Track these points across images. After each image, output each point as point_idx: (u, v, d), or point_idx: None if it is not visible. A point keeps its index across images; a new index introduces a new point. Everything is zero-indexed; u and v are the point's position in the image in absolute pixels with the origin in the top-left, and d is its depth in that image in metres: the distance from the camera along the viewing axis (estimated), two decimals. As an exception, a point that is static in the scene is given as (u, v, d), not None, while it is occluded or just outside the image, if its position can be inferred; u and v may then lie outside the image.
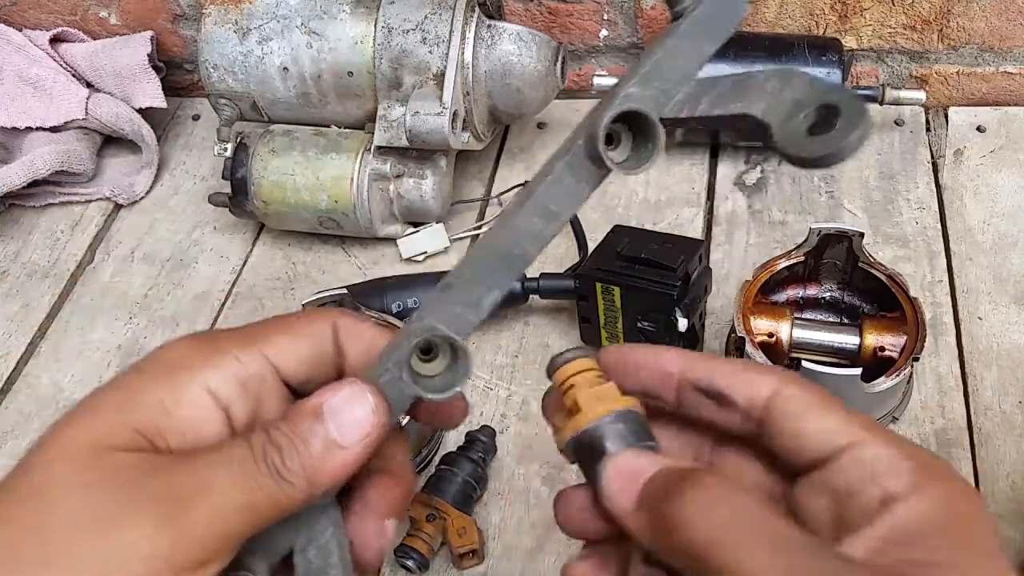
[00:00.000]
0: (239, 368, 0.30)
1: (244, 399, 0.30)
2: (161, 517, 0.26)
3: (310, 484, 0.28)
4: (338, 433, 0.29)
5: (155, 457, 0.28)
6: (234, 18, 0.73)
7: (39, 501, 0.26)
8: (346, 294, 0.62)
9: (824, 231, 0.61)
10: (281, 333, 0.31)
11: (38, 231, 0.84)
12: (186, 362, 0.30)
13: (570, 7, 0.84)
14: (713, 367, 0.31)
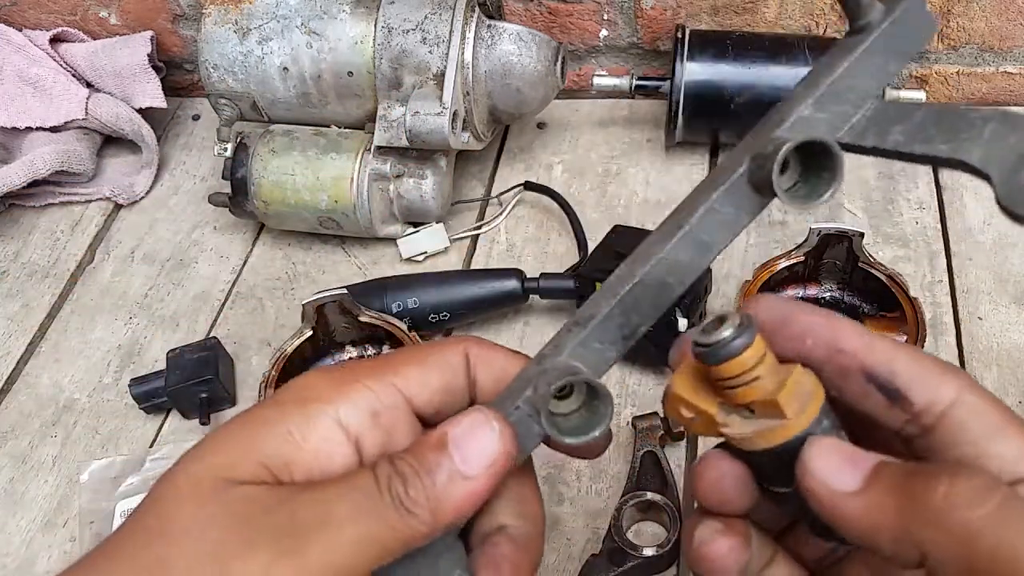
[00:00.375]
0: (371, 399, 0.30)
1: (375, 431, 0.30)
2: (279, 551, 0.26)
3: (434, 516, 0.28)
4: (463, 462, 0.28)
5: (277, 489, 0.27)
6: (234, 18, 0.73)
7: (161, 536, 0.27)
8: (346, 294, 0.62)
9: (824, 231, 0.61)
10: (412, 364, 0.31)
11: (38, 231, 0.84)
12: (318, 394, 0.30)
13: (570, 7, 0.84)
14: (894, 356, 0.28)
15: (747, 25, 0.83)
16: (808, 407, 0.27)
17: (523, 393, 0.29)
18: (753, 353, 0.27)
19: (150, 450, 0.64)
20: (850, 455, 0.27)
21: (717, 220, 0.28)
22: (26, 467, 0.66)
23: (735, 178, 0.28)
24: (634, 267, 0.29)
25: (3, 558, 0.61)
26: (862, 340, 0.28)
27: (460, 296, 0.67)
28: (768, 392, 0.27)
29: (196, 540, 0.26)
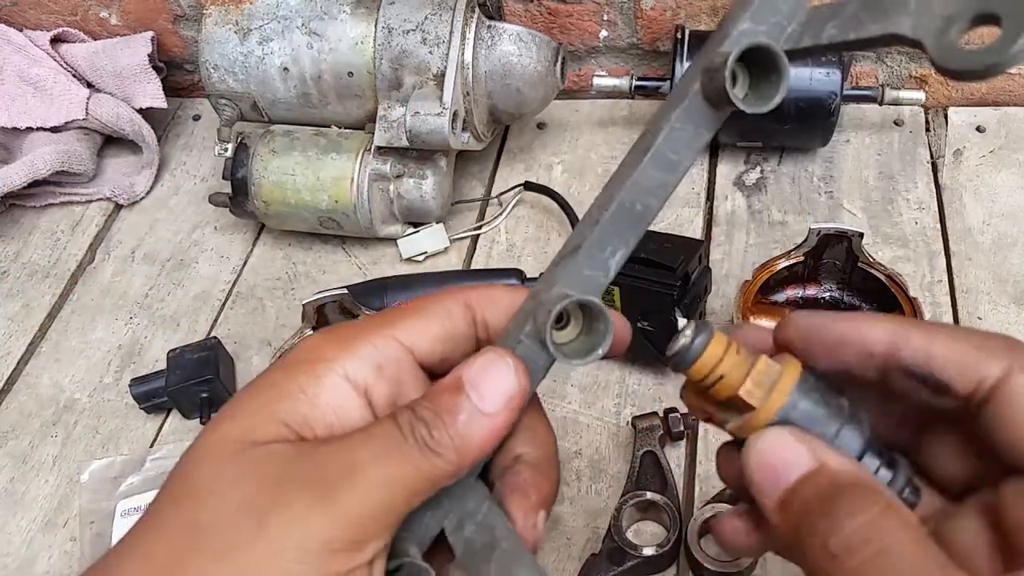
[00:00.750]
0: (373, 352, 0.30)
1: (382, 382, 0.30)
2: (311, 500, 0.26)
3: (459, 455, 0.28)
4: (481, 400, 0.29)
5: (301, 444, 0.28)
6: (235, 19, 0.73)
7: (192, 501, 0.27)
8: (346, 294, 0.62)
9: (824, 231, 0.61)
10: (411, 316, 0.32)
11: (38, 231, 0.84)
12: (322, 352, 0.30)
13: (570, 7, 0.85)
14: (929, 343, 0.28)
15: (747, 25, 0.83)
16: (773, 394, 0.28)
17: (524, 327, 0.30)
18: (712, 354, 0.28)
19: (150, 450, 0.64)
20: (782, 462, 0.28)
21: (680, 138, 0.30)
22: (26, 467, 0.66)
23: (691, 96, 0.29)
24: (611, 192, 0.30)
25: (3, 558, 0.61)
26: (891, 334, 0.28)
27: (460, 296, 0.67)
28: (732, 387, 0.28)
29: (225, 499, 0.26)
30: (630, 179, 0.30)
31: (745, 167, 0.80)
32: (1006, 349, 0.27)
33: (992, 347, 0.27)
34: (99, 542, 0.59)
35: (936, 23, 0.25)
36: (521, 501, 0.31)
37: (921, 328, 0.28)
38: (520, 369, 0.30)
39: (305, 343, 0.31)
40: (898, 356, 0.28)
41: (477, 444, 0.29)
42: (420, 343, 0.31)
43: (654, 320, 0.61)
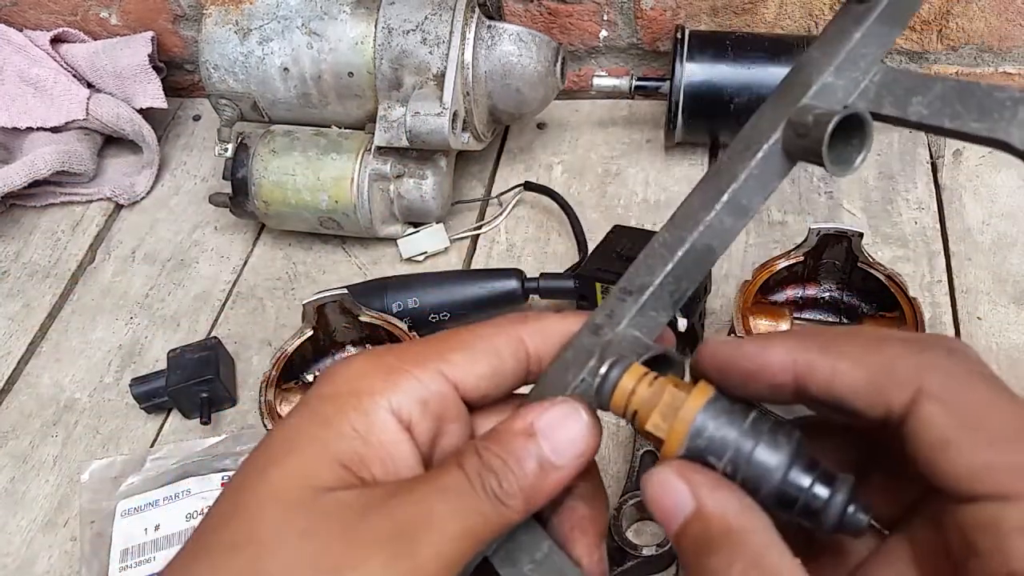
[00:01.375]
0: (419, 387, 0.30)
1: (426, 419, 0.30)
2: (388, 557, 0.26)
3: (526, 505, 0.28)
4: (553, 452, 0.28)
5: (368, 493, 0.27)
6: (235, 19, 0.73)
7: (257, 550, 0.26)
8: (346, 294, 0.62)
9: (823, 231, 0.61)
10: (459, 350, 0.31)
11: (39, 231, 0.85)
12: (369, 385, 0.29)
13: (570, 8, 0.85)
14: (832, 370, 0.27)
15: (746, 26, 0.83)
16: (675, 423, 0.28)
17: (586, 365, 0.30)
18: (622, 389, 0.29)
19: (151, 450, 0.65)
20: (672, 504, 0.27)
21: (755, 186, 0.30)
22: (27, 467, 0.66)
23: (771, 144, 0.30)
24: (682, 233, 0.30)
25: (3, 558, 0.61)
26: (797, 364, 0.27)
27: (460, 296, 0.67)
28: (643, 421, 0.29)
29: (296, 552, 0.25)
30: (704, 223, 0.30)
31: (745, 167, 0.80)
32: (914, 369, 0.26)
33: (898, 369, 0.26)
34: (99, 542, 0.59)
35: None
36: (583, 539, 0.31)
37: (826, 352, 0.27)
38: (595, 426, 0.29)
39: (350, 370, 0.30)
40: (803, 385, 0.27)
41: (545, 495, 0.28)
42: (466, 380, 0.31)
43: (654, 320, 0.61)
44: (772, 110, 0.31)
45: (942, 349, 0.26)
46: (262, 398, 0.60)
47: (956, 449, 0.24)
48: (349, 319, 0.64)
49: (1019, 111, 0.27)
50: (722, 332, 0.68)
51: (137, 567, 0.56)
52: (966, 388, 0.25)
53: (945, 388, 0.25)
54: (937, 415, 0.25)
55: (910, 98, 0.29)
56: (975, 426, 0.24)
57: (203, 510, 0.58)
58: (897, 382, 0.26)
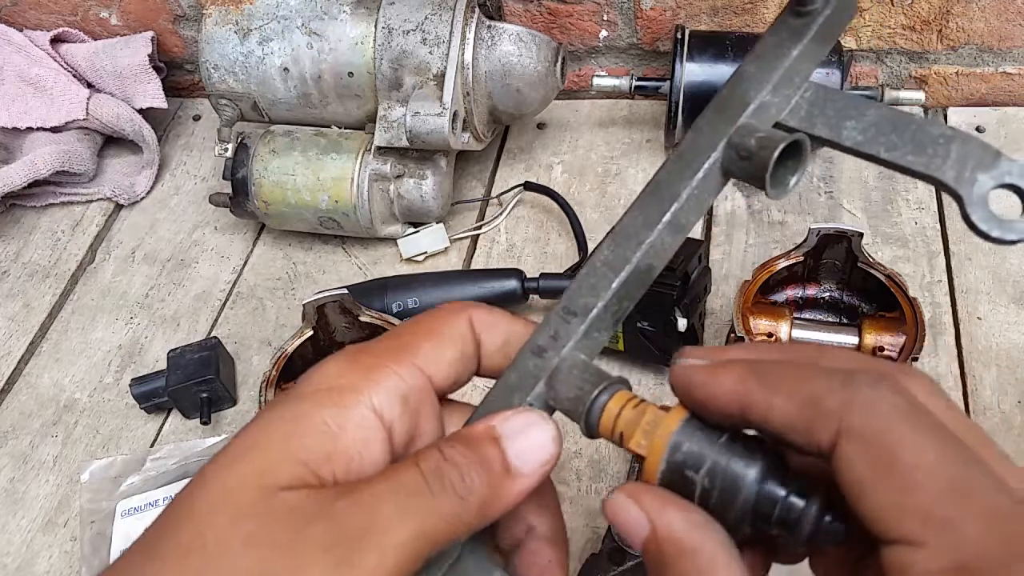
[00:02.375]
0: (399, 383, 0.29)
1: (405, 415, 0.29)
2: (330, 566, 0.24)
3: (483, 508, 0.27)
4: (517, 459, 0.28)
5: (319, 495, 0.26)
6: (235, 19, 0.73)
7: (200, 553, 0.25)
8: (347, 294, 0.62)
9: (823, 231, 0.61)
10: (427, 340, 0.30)
11: (39, 231, 0.85)
12: (350, 382, 0.29)
13: (570, 8, 0.85)
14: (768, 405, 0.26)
15: (746, 26, 0.83)
16: (653, 440, 0.28)
17: (533, 389, 0.30)
18: (609, 413, 0.29)
19: (151, 450, 0.65)
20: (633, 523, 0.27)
21: (693, 203, 0.31)
22: (27, 467, 0.66)
23: (711, 163, 0.30)
24: (625, 252, 0.30)
25: (3, 558, 0.61)
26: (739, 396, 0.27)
27: (460, 296, 0.67)
28: (626, 442, 0.29)
29: (239, 558, 0.25)
30: (646, 243, 0.30)
31: (745, 167, 0.80)
32: (837, 405, 0.25)
33: (824, 405, 0.25)
34: (99, 542, 0.59)
35: (981, 184, 0.27)
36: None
37: (763, 384, 0.27)
38: (559, 436, 0.29)
39: (327, 369, 0.29)
40: (747, 416, 0.27)
41: (503, 502, 0.28)
42: (438, 370, 0.30)
43: (654, 320, 0.61)
44: (710, 127, 0.31)
45: (868, 381, 0.25)
46: (262, 398, 0.60)
47: (870, 491, 0.24)
48: (349, 319, 0.64)
49: (952, 149, 0.28)
50: (722, 332, 0.68)
51: (137, 567, 0.56)
52: (885, 425, 0.24)
53: (864, 426, 0.24)
54: (854, 455, 0.24)
55: (843, 122, 0.30)
56: (888, 468, 0.24)
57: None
58: (822, 419, 0.25)
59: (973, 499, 0.23)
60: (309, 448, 0.27)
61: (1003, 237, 0.27)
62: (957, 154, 0.28)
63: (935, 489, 0.23)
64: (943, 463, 0.24)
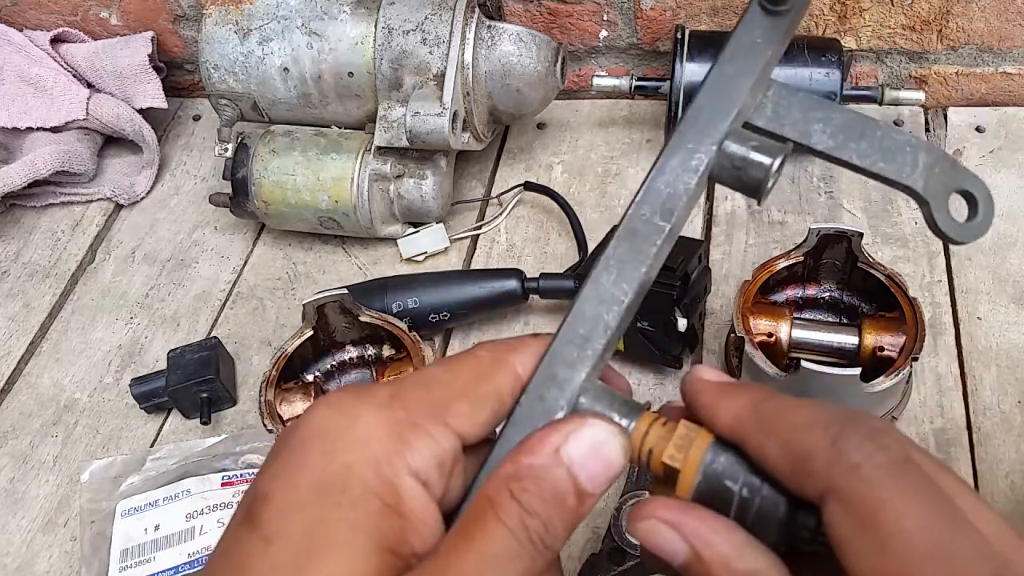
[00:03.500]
0: (434, 446, 0.27)
1: (441, 478, 0.28)
2: None
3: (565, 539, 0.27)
4: (590, 483, 0.27)
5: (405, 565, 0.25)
6: (235, 19, 0.73)
7: None
8: (347, 294, 0.62)
9: (823, 231, 0.61)
10: (464, 400, 0.28)
11: (39, 231, 0.85)
12: (385, 450, 0.27)
13: (570, 8, 0.85)
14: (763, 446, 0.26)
15: (747, 26, 0.83)
16: (691, 451, 0.28)
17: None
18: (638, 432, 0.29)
19: (151, 450, 0.64)
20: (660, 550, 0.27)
21: (685, 212, 0.31)
22: (27, 467, 0.66)
23: (703, 172, 0.30)
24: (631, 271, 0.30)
25: (3, 558, 0.61)
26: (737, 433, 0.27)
27: (460, 296, 0.67)
28: (659, 456, 0.28)
29: None
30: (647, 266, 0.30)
31: (745, 167, 0.80)
32: (825, 464, 0.25)
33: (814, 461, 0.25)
34: (99, 542, 0.59)
35: (943, 192, 0.30)
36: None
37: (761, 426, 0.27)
38: (628, 446, 0.28)
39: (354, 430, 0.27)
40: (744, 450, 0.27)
41: (578, 525, 0.27)
42: (471, 431, 0.28)
43: (654, 320, 0.61)
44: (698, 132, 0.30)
45: (858, 437, 0.25)
46: (262, 398, 0.60)
47: (853, 553, 0.24)
48: (349, 319, 0.64)
49: (919, 157, 0.30)
50: (722, 332, 0.68)
51: (137, 567, 0.56)
52: (870, 488, 0.24)
53: (849, 488, 0.25)
54: (838, 516, 0.25)
55: (811, 125, 0.30)
56: (870, 532, 0.24)
57: (203, 510, 0.58)
58: (810, 477, 0.25)
59: (953, 567, 0.23)
60: (385, 535, 0.25)
61: (960, 239, 0.30)
62: (924, 163, 0.30)
63: (916, 556, 0.23)
64: (926, 528, 0.23)
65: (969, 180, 0.30)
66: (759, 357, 0.57)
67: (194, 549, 0.57)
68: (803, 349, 0.61)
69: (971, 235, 0.30)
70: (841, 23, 0.81)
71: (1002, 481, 0.58)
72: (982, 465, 0.59)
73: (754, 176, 0.30)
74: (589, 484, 0.27)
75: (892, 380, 0.56)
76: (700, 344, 0.66)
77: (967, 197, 0.30)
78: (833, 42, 0.75)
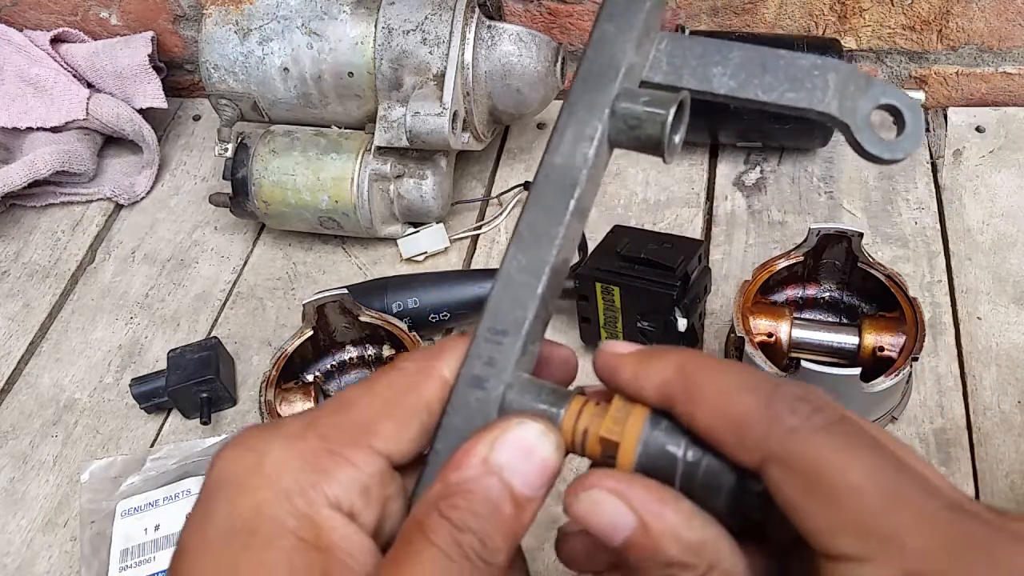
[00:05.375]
0: (356, 474, 0.26)
1: (370, 506, 0.26)
2: None
3: (508, 552, 0.25)
4: (524, 486, 0.26)
5: None
6: (235, 19, 0.73)
7: None
8: (346, 294, 0.62)
9: (823, 231, 0.61)
10: (387, 418, 0.27)
11: (39, 231, 0.85)
12: (296, 482, 0.25)
13: (570, 7, 0.85)
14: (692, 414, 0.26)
15: (746, 26, 0.83)
16: (630, 420, 0.27)
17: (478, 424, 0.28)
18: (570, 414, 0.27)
19: (151, 450, 0.64)
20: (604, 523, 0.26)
21: (591, 185, 0.29)
22: (27, 467, 0.66)
23: (599, 139, 0.28)
24: (541, 255, 0.28)
25: (3, 558, 0.61)
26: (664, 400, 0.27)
27: (460, 296, 0.67)
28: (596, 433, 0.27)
29: None
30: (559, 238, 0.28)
31: (745, 167, 0.80)
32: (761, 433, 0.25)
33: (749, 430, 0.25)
34: (99, 542, 0.59)
35: (862, 110, 0.28)
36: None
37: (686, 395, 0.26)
38: (561, 443, 0.27)
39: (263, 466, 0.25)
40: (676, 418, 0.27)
41: (519, 537, 0.26)
42: (399, 449, 0.27)
43: (654, 320, 0.61)
44: (587, 99, 0.29)
45: (790, 399, 0.25)
46: (262, 398, 0.60)
47: (803, 514, 0.24)
48: (349, 319, 0.64)
49: (828, 79, 0.28)
50: (722, 332, 0.68)
51: (137, 567, 0.56)
52: (811, 449, 0.24)
53: (791, 451, 0.24)
54: (782, 480, 0.24)
55: (710, 69, 0.29)
56: (816, 492, 0.24)
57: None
58: (747, 444, 0.25)
59: (909, 509, 0.23)
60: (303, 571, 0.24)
61: (892, 157, 0.27)
62: (835, 83, 0.28)
63: (868, 505, 0.23)
64: (874, 478, 0.24)
65: (889, 92, 0.28)
66: (759, 357, 0.57)
67: (194, 549, 0.57)
68: (803, 349, 0.61)
69: (902, 150, 0.27)
70: (841, 23, 0.81)
71: (1002, 481, 0.58)
72: (982, 465, 0.59)
73: (651, 133, 0.28)
74: (526, 489, 0.26)
75: (892, 380, 0.56)
76: (700, 344, 0.66)
77: (892, 111, 0.28)
78: (833, 42, 0.75)
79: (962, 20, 0.79)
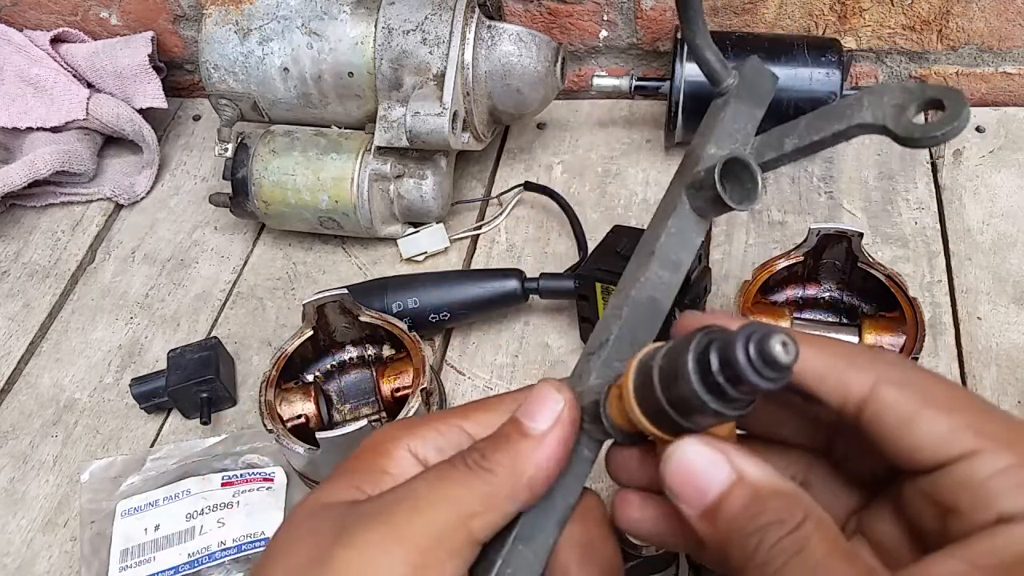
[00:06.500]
0: (437, 437, 0.32)
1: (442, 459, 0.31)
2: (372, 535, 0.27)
3: (514, 474, 0.29)
4: (531, 420, 0.29)
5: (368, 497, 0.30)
6: (235, 19, 0.73)
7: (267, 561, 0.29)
8: (346, 294, 0.62)
9: (823, 231, 0.61)
10: (481, 409, 0.33)
11: (39, 231, 0.85)
12: (392, 435, 0.32)
13: (570, 8, 0.85)
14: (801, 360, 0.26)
15: (746, 25, 0.83)
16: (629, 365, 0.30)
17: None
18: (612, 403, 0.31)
19: (151, 450, 0.64)
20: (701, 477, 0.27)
21: (676, 241, 0.34)
22: (27, 467, 0.66)
23: (680, 206, 0.34)
24: (626, 291, 0.34)
25: (3, 558, 0.61)
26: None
27: (460, 296, 0.67)
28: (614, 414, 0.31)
29: (294, 553, 0.28)
30: (641, 278, 0.33)
31: (745, 167, 0.80)
32: (870, 361, 0.28)
33: (858, 359, 0.28)
34: (99, 542, 0.59)
35: (891, 111, 0.31)
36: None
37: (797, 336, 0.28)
38: (564, 387, 0.30)
39: (378, 432, 0.33)
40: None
41: (532, 462, 0.29)
42: (484, 432, 0.32)
43: (654, 320, 0.61)
44: (675, 187, 0.35)
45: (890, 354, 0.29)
46: (262, 398, 0.60)
47: (920, 423, 0.27)
48: (349, 319, 0.64)
49: (864, 99, 0.31)
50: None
51: (137, 567, 0.56)
52: (918, 376, 0.28)
53: (901, 375, 0.28)
54: (898, 397, 0.27)
55: (783, 140, 0.34)
56: (932, 403, 0.27)
57: (203, 510, 0.58)
58: (857, 370, 0.28)
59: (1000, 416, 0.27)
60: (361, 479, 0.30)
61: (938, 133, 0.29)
62: (869, 101, 0.31)
63: (973, 412, 0.27)
64: (968, 397, 0.28)
65: (931, 90, 0.30)
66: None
67: (194, 549, 0.57)
68: (803, 349, 0.61)
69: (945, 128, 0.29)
70: (841, 23, 0.81)
71: (1002, 481, 0.58)
72: (982, 465, 0.59)
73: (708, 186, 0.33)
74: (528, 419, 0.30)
75: (892, 380, 0.56)
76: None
77: (934, 105, 0.30)
78: (833, 42, 0.75)
79: (962, 20, 0.79)
